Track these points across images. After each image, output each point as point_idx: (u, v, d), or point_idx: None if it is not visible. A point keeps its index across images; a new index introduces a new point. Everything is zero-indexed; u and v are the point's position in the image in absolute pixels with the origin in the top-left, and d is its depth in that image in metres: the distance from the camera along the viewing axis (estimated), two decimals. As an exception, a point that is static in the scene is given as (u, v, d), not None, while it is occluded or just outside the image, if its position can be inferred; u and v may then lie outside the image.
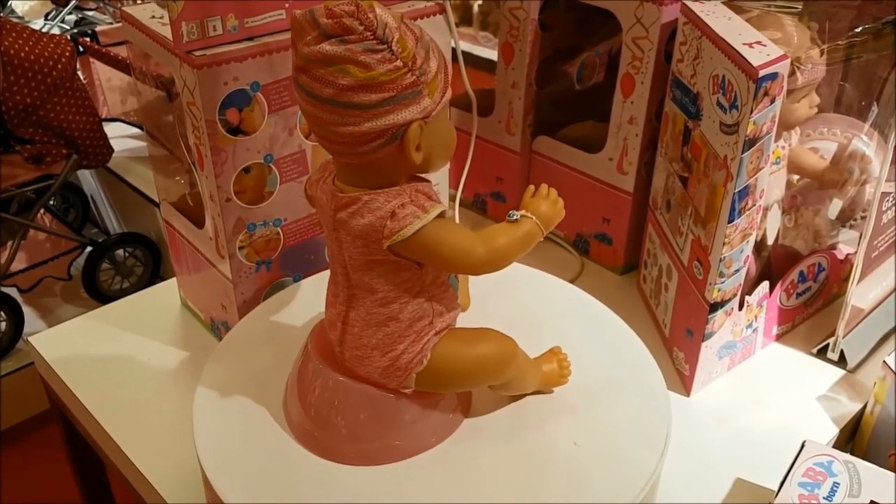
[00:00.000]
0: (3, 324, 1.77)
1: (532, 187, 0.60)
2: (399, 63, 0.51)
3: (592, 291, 0.81)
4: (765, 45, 0.69)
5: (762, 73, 0.65)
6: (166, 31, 0.69)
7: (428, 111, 0.53)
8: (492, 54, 1.06)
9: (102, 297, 1.92)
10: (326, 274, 0.66)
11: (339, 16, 0.50)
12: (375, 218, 0.55)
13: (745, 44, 0.69)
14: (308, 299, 0.78)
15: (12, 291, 1.80)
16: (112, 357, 0.87)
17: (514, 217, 0.58)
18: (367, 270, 0.58)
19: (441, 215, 0.55)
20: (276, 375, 0.68)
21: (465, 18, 1.44)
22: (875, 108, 0.86)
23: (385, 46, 0.51)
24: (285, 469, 0.62)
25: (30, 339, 0.90)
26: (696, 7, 0.78)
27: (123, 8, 0.78)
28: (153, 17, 0.75)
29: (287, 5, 0.71)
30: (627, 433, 0.65)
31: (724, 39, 0.71)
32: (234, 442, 0.64)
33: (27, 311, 1.84)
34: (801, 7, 0.81)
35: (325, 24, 0.50)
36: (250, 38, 0.70)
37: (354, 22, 0.50)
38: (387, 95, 0.51)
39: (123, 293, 1.89)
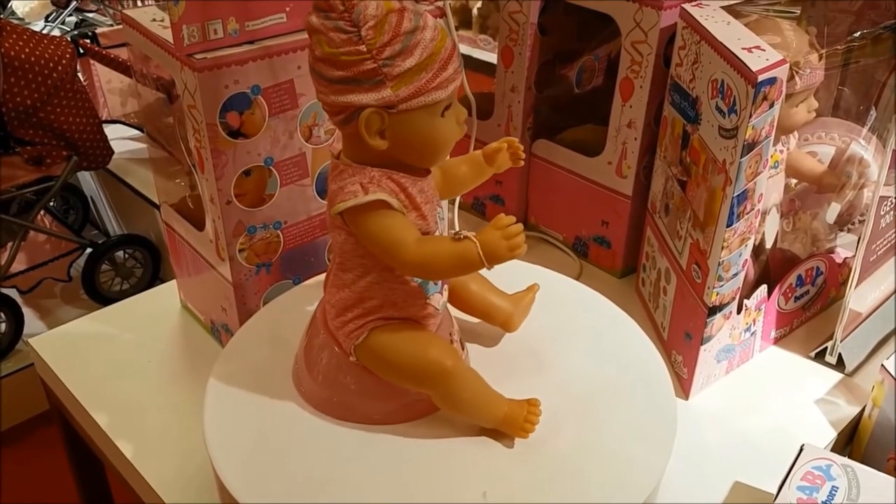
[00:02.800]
0: (3, 325, 1.77)
1: (502, 216, 0.57)
2: (362, 48, 0.54)
3: (591, 294, 0.81)
4: (764, 50, 0.69)
5: (761, 77, 0.66)
6: (167, 35, 0.70)
7: (388, 102, 0.55)
8: (491, 57, 1.06)
9: (102, 298, 1.92)
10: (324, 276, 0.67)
11: None
12: (336, 187, 0.59)
13: (744, 48, 0.69)
14: (310, 301, 0.78)
15: (12, 293, 1.80)
16: (112, 359, 0.87)
17: (459, 235, 0.58)
18: (336, 234, 0.62)
19: (382, 204, 0.57)
20: (284, 377, 0.69)
21: (464, 21, 1.45)
22: (873, 113, 0.87)
23: (354, 30, 0.54)
24: (302, 473, 0.61)
25: (30, 341, 0.90)
26: (695, 12, 0.78)
27: (124, 11, 0.78)
28: (154, 20, 0.75)
29: (288, 9, 0.71)
30: (633, 435, 0.65)
31: (722, 44, 0.71)
32: (247, 445, 0.64)
33: (27, 312, 1.84)
34: (799, 12, 0.81)
35: None
36: (251, 42, 0.70)
37: (336, 1, 0.53)
38: (345, 74, 0.55)
39: (123, 295, 1.90)
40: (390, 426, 0.65)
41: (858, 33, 0.79)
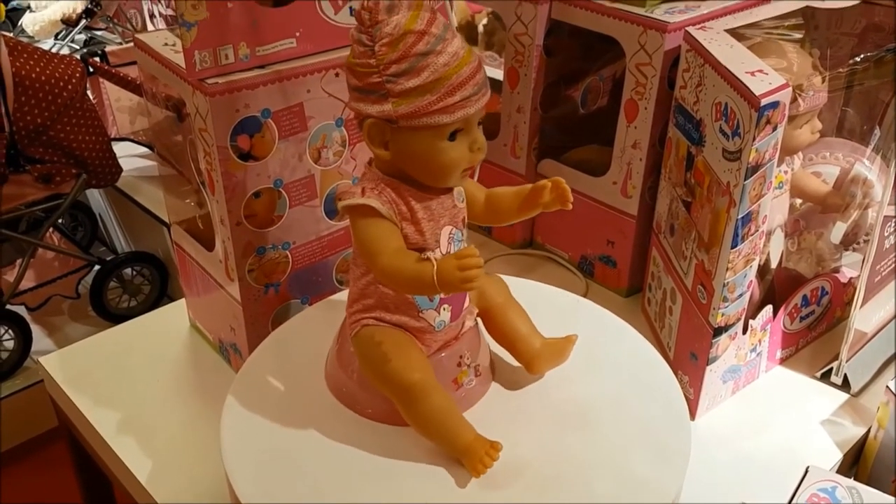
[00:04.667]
0: (12, 342, 1.77)
1: (468, 247, 0.57)
2: (372, 62, 0.57)
3: (597, 314, 0.81)
4: (767, 74, 0.70)
5: (764, 101, 0.66)
6: (179, 59, 0.71)
7: (388, 116, 0.58)
8: (497, 74, 1.07)
9: (110, 315, 1.92)
10: (336, 296, 0.67)
11: (364, 8, 0.57)
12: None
13: (747, 72, 0.70)
14: (327, 320, 0.78)
15: (20, 310, 1.81)
16: (121, 378, 0.88)
17: (424, 256, 0.60)
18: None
19: (371, 210, 0.60)
20: (301, 396, 0.69)
21: (470, 39, 1.45)
22: (877, 133, 0.87)
23: (371, 44, 0.57)
24: (319, 490, 0.62)
25: (40, 359, 0.90)
26: (698, 35, 0.79)
27: (137, 35, 0.79)
28: (166, 44, 0.76)
29: (297, 34, 0.72)
30: (647, 456, 0.65)
31: (726, 67, 0.72)
32: (263, 461, 0.64)
33: (35, 329, 1.85)
34: (802, 35, 0.82)
35: (356, 11, 0.59)
36: (261, 66, 0.71)
37: (366, 16, 0.57)
38: (358, 84, 0.59)
39: (131, 312, 1.90)
40: (413, 442, 0.65)
41: (861, 56, 0.80)
